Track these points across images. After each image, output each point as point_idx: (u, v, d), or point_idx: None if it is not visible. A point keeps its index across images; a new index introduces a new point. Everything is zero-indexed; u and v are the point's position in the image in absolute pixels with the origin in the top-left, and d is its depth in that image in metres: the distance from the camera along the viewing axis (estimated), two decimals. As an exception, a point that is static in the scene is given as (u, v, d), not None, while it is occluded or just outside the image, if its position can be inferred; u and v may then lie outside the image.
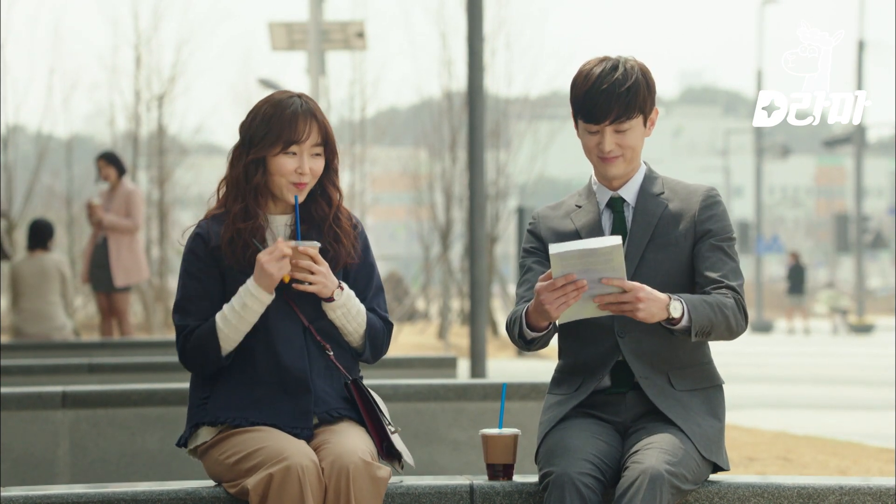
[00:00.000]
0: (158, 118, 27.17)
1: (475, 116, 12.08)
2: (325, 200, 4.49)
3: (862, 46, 40.00)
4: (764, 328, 39.24)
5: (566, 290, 4.17)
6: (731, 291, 4.37)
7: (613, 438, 4.34)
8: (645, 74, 4.41)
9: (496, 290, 28.25)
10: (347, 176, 30.61)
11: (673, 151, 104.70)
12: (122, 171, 13.65)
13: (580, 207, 4.52)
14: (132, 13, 27.12)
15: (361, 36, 23.15)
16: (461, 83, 26.65)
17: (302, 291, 4.36)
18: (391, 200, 64.16)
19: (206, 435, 4.37)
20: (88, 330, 21.63)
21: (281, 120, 4.40)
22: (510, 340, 4.49)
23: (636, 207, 4.47)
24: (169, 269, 26.47)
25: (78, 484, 5.37)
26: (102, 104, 28.36)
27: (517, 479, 4.42)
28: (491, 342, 22.12)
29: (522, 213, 22.16)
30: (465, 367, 13.19)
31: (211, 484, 4.38)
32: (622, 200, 4.49)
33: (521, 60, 35.67)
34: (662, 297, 4.24)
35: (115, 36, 32.61)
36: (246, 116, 4.47)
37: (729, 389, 4.61)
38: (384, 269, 36.40)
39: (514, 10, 47.43)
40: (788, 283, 37.56)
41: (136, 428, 6.26)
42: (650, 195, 4.47)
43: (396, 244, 69.29)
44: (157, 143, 27.07)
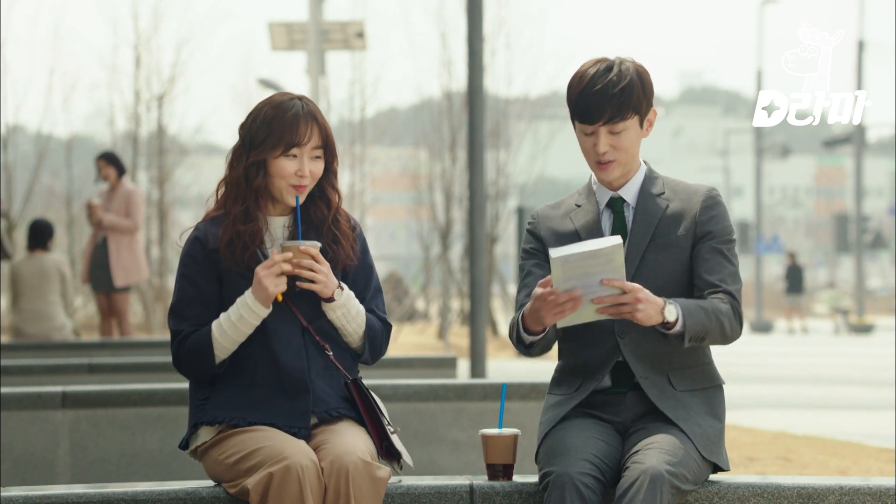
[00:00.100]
0: (158, 118, 27.18)
1: (475, 116, 12.08)
2: (324, 202, 4.49)
3: (862, 46, 40.00)
4: (764, 328, 39.25)
5: (565, 306, 4.17)
6: (727, 296, 4.36)
7: (613, 438, 4.34)
8: (640, 75, 4.40)
9: (496, 290, 28.26)
10: (347, 176, 30.62)
11: (673, 151, 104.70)
12: (121, 171, 13.65)
13: (580, 207, 4.51)
14: (132, 13, 27.15)
15: (361, 36, 23.16)
16: (461, 83, 26.66)
17: (301, 292, 4.36)
18: (391, 200, 64.17)
19: (205, 435, 4.38)
20: (88, 330, 21.64)
21: (282, 122, 4.39)
22: (513, 346, 4.49)
23: (636, 208, 4.46)
24: (169, 269, 26.47)
25: (78, 484, 5.37)
26: (102, 104, 28.39)
27: (517, 479, 4.42)
28: (491, 342, 22.12)
29: (522, 213, 22.16)
30: (464, 367, 13.19)
31: (211, 484, 4.38)
32: (622, 201, 4.48)
33: (521, 60, 35.71)
34: (659, 300, 4.24)
35: (114, 36, 32.58)
36: (246, 118, 4.46)
37: (729, 389, 4.61)
38: (384, 269, 36.41)
39: (514, 10, 47.41)
40: (786, 282, 37.63)
41: (136, 428, 6.26)
42: (650, 195, 4.46)
43: (396, 244, 69.29)
44: (156, 143, 27.08)
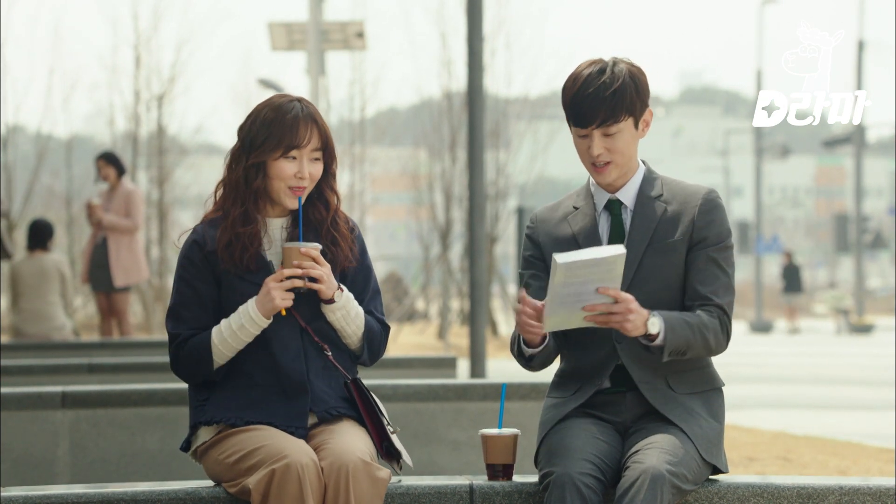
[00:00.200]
0: (158, 118, 27.19)
1: (475, 116, 12.08)
2: (322, 204, 4.49)
3: (862, 46, 40.00)
4: (764, 328, 39.26)
5: (530, 324, 4.21)
6: (717, 310, 4.35)
7: (614, 438, 4.34)
8: (634, 76, 4.37)
9: (496, 290, 28.25)
10: (347, 176, 30.62)
11: (673, 151, 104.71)
12: (121, 171, 13.65)
13: (577, 209, 4.49)
14: (132, 13, 27.15)
15: (361, 36, 23.15)
16: (461, 83, 26.66)
17: (299, 294, 4.36)
18: (391, 200, 64.17)
19: (205, 435, 4.38)
20: (88, 330, 21.64)
21: (282, 124, 4.39)
22: (515, 360, 4.49)
23: (634, 211, 4.44)
24: (168, 269, 26.47)
25: (78, 484, 5.37)
26: (102, 104, 28.39)
27: (517, 479, 4.42)
28: (491, 342, 22.12)
29: (522, 213, 22.16)
30: (464, 367, 13.19)
31: (211, 484, 4.38)
32: (620, 203, 4.46)
33: (520, 60, 35.67)
34: (644, 312, 4.23)
35: (114, 36, 32.58)
36: (245, 120, 4.46)
37: (729, 390, 4.61)
38: (384, 269, 36.41)
39: (514, 10, 47.43)
40: (783, 282, 37.69)
41: (135, 428, 6.26)
42: (648, 198, 4.44)
43: (396, 244, 69.29)
44: (156, 143, 27.08)
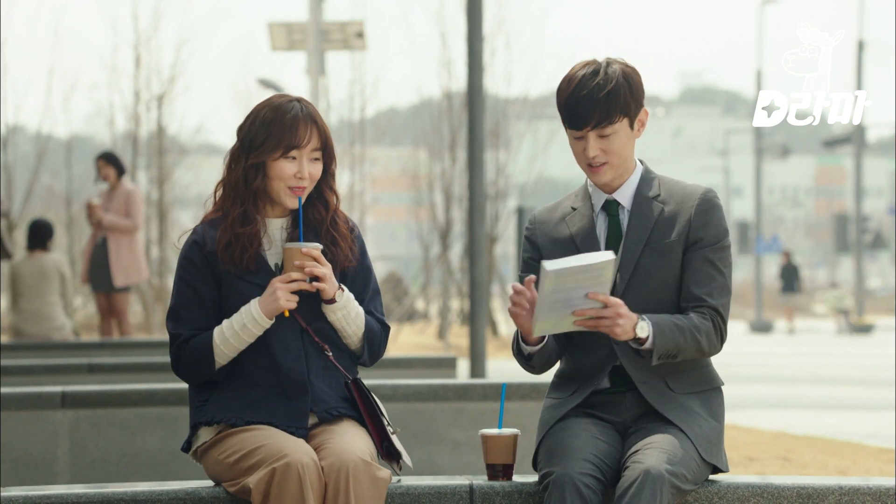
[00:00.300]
0: (158, 118, 27.19)
1: (475, 116, 12.08)
2: (322, 204, 4.49)
3: (862, 46, 40.00)
4: (764, 328, 39.27)
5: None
6: (710, 312, 4.35)
7: (613, 438, 4.34)
8: (628, 77, 4.36)
9: (496, 290, 28.26)
10: (347, 176, 30.62)
11: (673, 151, 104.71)
12: (121, 171, 13.66)
13: (575, 210, 4.49)
14: (132, 13, 27.16)
15: (361, 36, 23.15)
16: (461, 83, 26.67)
17: (299, 294, 4.36)
18: (391, 200, 64.16)
19: (205, 436, 4.38)
20: (88, 330, 21.64)
21: (282, 124, 4.39)
22: (516, 360, 4.49)
23: (631, 211, 4.43)
24: (168, 269, 26.47)
25: (78, 484, 5.37)
26: (102, 104, 28.40)
27: (517, 479, 4.42)
28: (491, 342, 22.12)
29: (522, 213, 22.16)
30: (464, 367, 13.19)
31: (211, 484, 4.38)
32: (617, 204, 4.46)
33: (520, 60, 35.71)
34: (633, 316, 4.24)
35: (114, 36, 32.57)
36: (244, 120, 4.46)
37: (729, 390, 4.61)
38: (384, 269, 36.41)
39: (513, 10, 47.47)
40: (781, 282, 37.73)
41: (135, 428, 6.26)
42: (645, 198, 4.43)
43: (396, 244, 69.29)
44: (156, 143, 27.09)
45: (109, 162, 13.67)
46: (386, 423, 4.42)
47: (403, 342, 24.22)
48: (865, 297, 43.19)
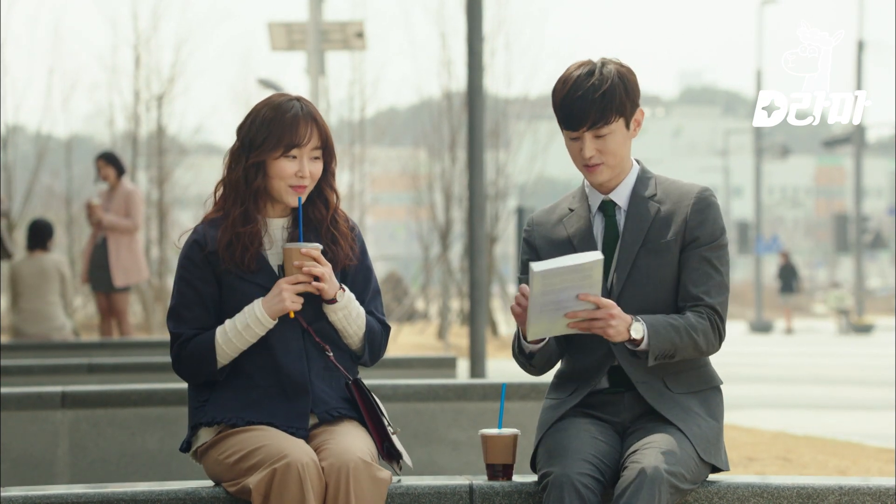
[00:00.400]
0: (158, 118, 27.19)
1: (475, 116, 12.08)
2: (322, 203, 4.49)
3: (862, 46, 40.00)
4: (764, 328, 39.27)
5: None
6: (707, 310, 4.35)
7: (612, 439, 4.34)
8: (623, 77, 4.36)
9: (496, 290, 28.26)
10: (347, 176, 30.63)
11: (673, 151, 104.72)
12: (121, 171, 13.66)
13: (573, 211, 4.49)
14: (131, 13, 27.17)
15: (361, 36, 23.14)
16: (461, 83, 26.66)
17: (302, 295, 4.36)
18: (391, 200, 64.17)
19: (205, 436, 4.38)
20: (88, 330, 21.64)
21: (282, 123, 4.39)
22: (516, 362, 4.49)
23: (628, 211, 4.44)
24: (168, 269, 26.47)
25: (78, 484, 5.36)
26: (102, 104, 28.43)
27: (517, 479, 4.42)
28: (491, 342, 22.12)
29: (522, 213, 22.17)
30: (464, 367, 13.19)
31: (211, 484, 4.38)
32: (614, 204, 4.46)
33: (520, 60, 35.73)
34: (627, 317, 4.24)
35: (114, 36, 32.64)
36: (244, 119, 4.45)
37: (728, 389, 4.61)
38: (384, 269, 36.41)
39: (513, 10, 47.53)
40: (779, 282, 37.77)
41: (135, 428, 6.26)
42: (642, 198, 4.43)
43: (396, 244, 69.28)
44: (156, 143, 27.09)
45: (109, 162, 13.67)
46: (386, 423, 4.42)
47: (403, 342, 24.22)
48: (865, 297, 43.18)
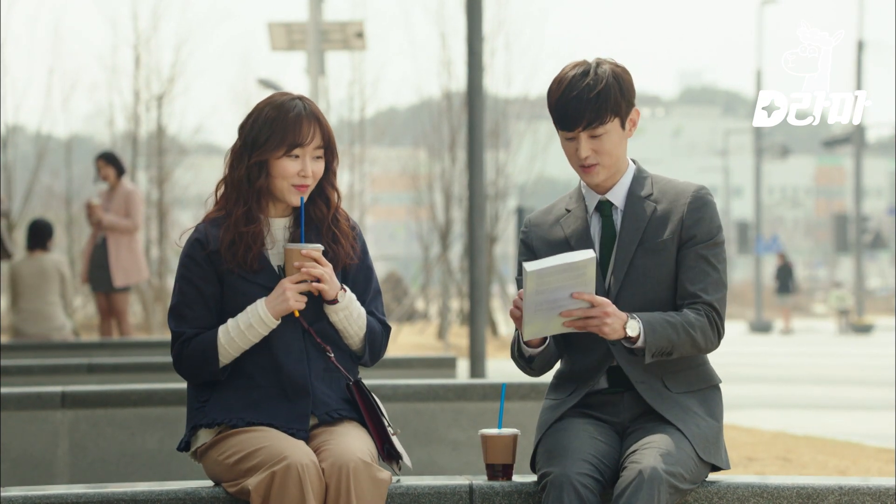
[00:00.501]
0: (158, 118, 27.20)
1: (475, 116, 12.08)
2: (323, 202, 4.48)
3: (862, 46, 40.00)
4: (763, 328, 39.28)
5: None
6: (705, 307, 4.35)
7: (612, 439, 4.34)
8: (618, 77, 4.36)
9: (496, 290, 28.27)
10: (347, 176, 30.63)
11: (672, 152, 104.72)
12: (121, 171, 13.66)
13: (570, 212, 4.49)
14: (131, 13, 27.20)
15: (361, 36, 23.14)
16: (461, 83, 26.67)
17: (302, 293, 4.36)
18: (390, 200, 64.19)
19: (204, 436, 4.38)
20: (88, 330, 21.64)
21: (285, 123, 4.38)
22: (515, 364, 4.49)
23: (624, 211, 4.44)
24: (168, 269, 26.47)
25: (77, 484, 5.36)
26: (102, 104, 28.47)
27: (516, 479, 4.42)
28: (490, 342, 22.12)
29: (522, 213, 22.19)
30: (464, 367, 13.19)
31: (210, 484, 4.38)
32: (610, 204, 4.46)
33: (520, 60, 35.72)
34: (623, 315, 4.24)
35: (114, 36, 32.66)
36: (246, 118, 4.44)
37: (728, 389, 4.61)
38: (384, 269, 36.42)
39: (513, 10, 47.55)
40: (777, 283, 37.80)
41: (135, 428, 6.26)
42: (638, 197, 4.44)
43: (396, 244, 69.30)
44: (156, 143, 27.09)
45: (109, 162, 13.67)
46: (387, 424, 4.41)
47: (403, 342, 24.22)
48: (865, 297, 43.18)
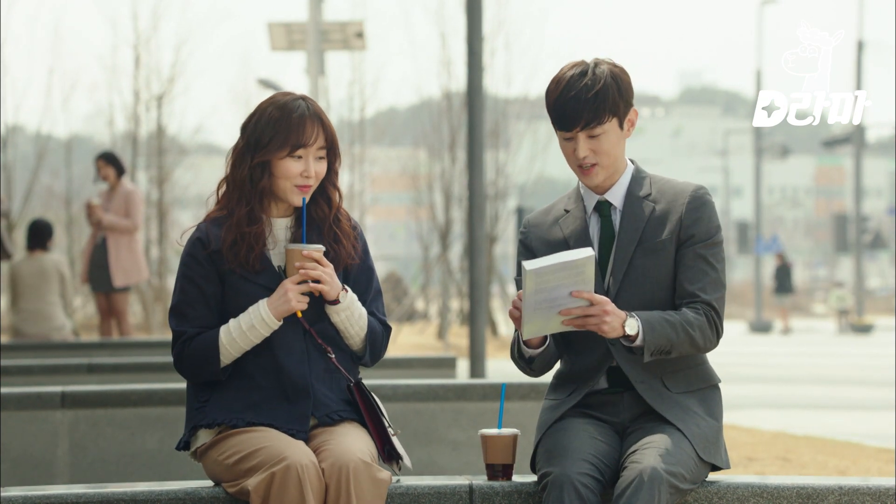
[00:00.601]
0: (158, 118, 27.21)
1: (474, 116, 12.08)
2: (325, 201, 4.48)
3: (862, 46, 39.99)
4: (763, 328, 39.29)
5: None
6: (704, 307, 4.35)
7: (612, 439, 4.34)
8: (616, 77, 4.36)
9: (495, 290, 28.27)
10: (347, 176, 30.64)
11: (672, 152, 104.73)
12: (121, 171, 13.66)
13: (568, 212, 4.49)
14: (131, 13, 27.21)
15: (361, 36, 23.14)
16: (461, 83, 26.67)
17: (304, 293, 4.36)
18: (390, 200, 64.21)
19: (204, 437, 4.37)
20: (88, 330, 21.63)
21: (288, 123, 4.37)
22: (515, 365, 4.49)
23: (623, 211, 4.44)
24: (168, 269, 26.47)
25: (77, 484, 5.36)
26: (102, 104, 28.46)
27: (516, 479, 4.42)
28: (490, 342, 22.12)
29: (522, 213, 22.20)
30: (464, 367, 13.19)
31: (210, 484, 4.38)
32: (609, 204, 4.46)
33: (520, 60, 35.73)
34: (622, 313, 4.25)
35: (114, 36, 32.69)
36: (248, 118, 4.43)
37: (728, 389, 4.61)
38: (384, 269, 36.42)
39: (513, 10, 47.57)
40: (775, 283, 37.82)
41: (135, 428, 6.26)
42: (637, 198, 4.44)
43: (396, 244, 69.29)
44: (156, 143, 27.09)
45: (109, 162, 13.67)
46: (387, 425, 4.41)
47: (403, 342, 24.22)
48: (865, 297, 43.18)
